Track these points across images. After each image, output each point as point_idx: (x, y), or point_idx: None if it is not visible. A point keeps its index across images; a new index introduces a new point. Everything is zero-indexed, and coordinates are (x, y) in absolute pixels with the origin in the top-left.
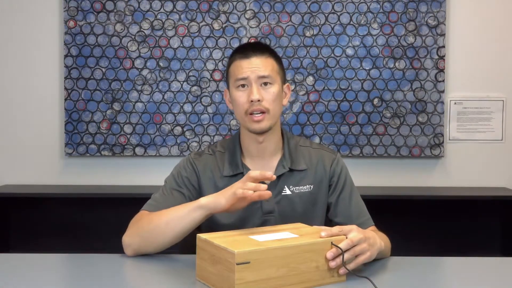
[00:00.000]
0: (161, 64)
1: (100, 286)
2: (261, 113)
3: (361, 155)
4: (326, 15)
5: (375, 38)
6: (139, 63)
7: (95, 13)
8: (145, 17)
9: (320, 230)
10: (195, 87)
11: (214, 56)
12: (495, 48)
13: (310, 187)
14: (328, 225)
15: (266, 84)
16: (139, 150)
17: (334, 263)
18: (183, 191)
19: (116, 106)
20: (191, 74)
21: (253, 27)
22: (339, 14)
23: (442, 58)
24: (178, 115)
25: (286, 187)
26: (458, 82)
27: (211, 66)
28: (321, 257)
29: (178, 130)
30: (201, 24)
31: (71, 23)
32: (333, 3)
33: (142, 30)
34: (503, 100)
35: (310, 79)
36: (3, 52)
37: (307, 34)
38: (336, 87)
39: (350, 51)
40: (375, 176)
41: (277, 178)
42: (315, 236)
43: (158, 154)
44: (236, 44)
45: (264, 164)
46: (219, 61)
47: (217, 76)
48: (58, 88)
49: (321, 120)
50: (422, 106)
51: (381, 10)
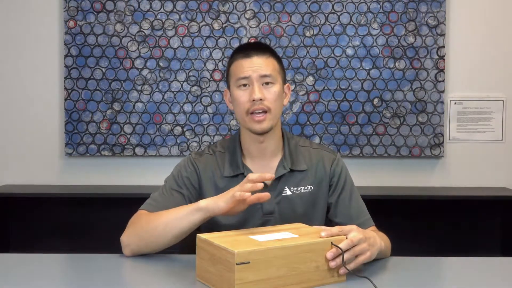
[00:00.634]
0: (161, 64)
1: (100, 286)
2: (262, 112)
3: (361, 155)
4: (326, 15)
5: (375, 38)
6: (139, 63)
7: (95, 13)
8: (145, 17)
9: (320, 230)
10: (195, 87)
11: (214, 56)
12: (495, 48)
13: (311, 188)
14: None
15: (268, 83)
16: (139, 150)
17: (334, 263)
18: (182, 191)
19: (116, 106)
20: (191, 74)
21: (253, 27)
22: (339, 14)
23: (442, 58)
24: (178, 115)
25: (286, 187)
26: (458, 82)
27: (211, 66)
28: (321, 257)
29: (178, 130)
30: (201, 24)
31: (71, 23)
32: (333, 3)
33: (142, 30)
34: (503, 100)
35: (310, 79)
36: (3, 52)
37: (307, 34)
38: (336, 87)
39: (350, 51)
40: (375, 176)
41: (277, 179)
42: (315, 236)
43: (158, 154)
44: (236, 44)
45: (264, 165)
46: (219, 61)
47: (217, 76)
48: (58, 88)
49: (321, 120)
50: (422, 106)
51: (381, 10)
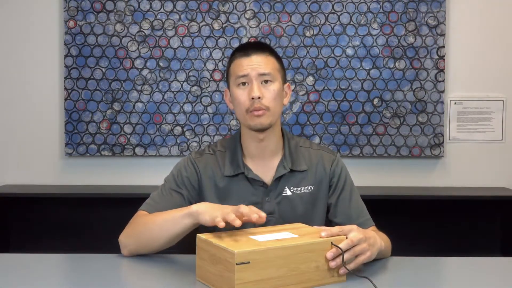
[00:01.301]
0: (161, 64)
1: (100, 286)
2: (262, 110)
3: (361, 155)
4: (326, 15)
5: (375, 38)
6: (139, 63)
7: (95, 13)
8: (145, 17)
9: (320, 230)
10: (195, 87)
11: (214, 56)
12: (495, 48)
13: (311, 188)
14: (328, 225)
15: (267, 82)
16: (139, 150)
17: (334, 263)
18: (182, 191)
19: (116, 106)
20: (191, 74)
21: (253, 27)
22: (339, 14)
23: (442, 58)
24: (178, 115)
25: (286, 187)
26: (458, 82)
27: (211, 66)
28: (321, 257)
29: (178, 130)
30: (201, 24)
31: (71, 23)
32: (333, 3)
33: (142, 30)
34: (503, 100)
35: (310, 79)
36: (3, 52)
37: (307, 34)
38: (336, 87)
39: (350, 51)
40: (375, 176)
41: (277, 179)
42: (315, 236)
43: (158, 154)
44: (236, 44)
45: (264, 165)
46: (219, 61)
47: (217, 76)
48: (58, 88)
49: (321, 120)
50: (422, 106)
51: (381, 10)
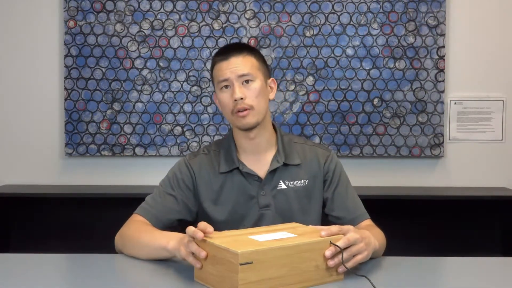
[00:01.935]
0: (161, 64)
1: (100, 286)
2: (244, 110)
3: (361, 155)
4: (326, 15)
5: (375, 38)
6: (139, 63)
7: (95, 13)
8: (145, 17)
9: (317, 230)
10: (195, 87)
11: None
12: (495, 48)
13: (305, 182)
14: (325, 220)
15: (248, 81)
16: (139, 150)
17: (333, 262)
18: (175, 194)
19: (116, 106)
20: (191, 74)
21: (253, 27)
22: (339, 14)
23: (442, 58)
24: (178, 115)
25: (281, 181)
26: (458, 82)
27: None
28: (320, 256)
29: (178, 130)
30: (201, 24)
31: (71, 23)
32: (333, 3)
33: (142, 30)
34: (503, 100)
35: (310, 79)
36: (3, 52)
37: (307, 34)
38: (336, 87)
39: (350, 51)
40: (375, 176)
41: (272, 172)
42: (313, 235)
43: (158, 154)
44: None
45: (258, 159)
46: None
47: None
48: (58, 88)
49: (321, 120)
50: (422, 106)
51: (381, 10)
